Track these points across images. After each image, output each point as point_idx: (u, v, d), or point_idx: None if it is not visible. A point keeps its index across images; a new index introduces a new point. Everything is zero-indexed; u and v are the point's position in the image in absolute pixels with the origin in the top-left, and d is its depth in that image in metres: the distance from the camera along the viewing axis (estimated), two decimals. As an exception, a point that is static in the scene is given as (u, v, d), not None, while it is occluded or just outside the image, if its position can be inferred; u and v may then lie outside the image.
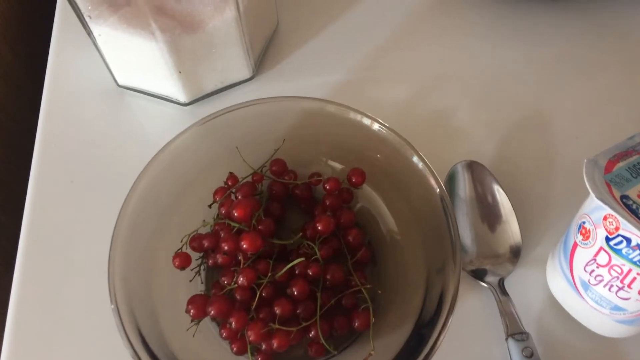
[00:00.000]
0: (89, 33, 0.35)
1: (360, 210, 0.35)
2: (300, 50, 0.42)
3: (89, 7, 0.33)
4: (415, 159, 0.31)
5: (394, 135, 0.31)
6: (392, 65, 0.41)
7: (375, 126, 0.32)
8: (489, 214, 0.34)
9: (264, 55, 0.41)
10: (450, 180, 0.35)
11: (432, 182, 0.30)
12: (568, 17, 0.43)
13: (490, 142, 0.38)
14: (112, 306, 0.28)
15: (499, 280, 0.33)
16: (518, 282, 0.33)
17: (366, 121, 0.32)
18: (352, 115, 0.32)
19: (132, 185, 0.31)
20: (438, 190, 0.29)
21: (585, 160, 0.29)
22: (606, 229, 0.28)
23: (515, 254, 0.33)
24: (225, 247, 0.31)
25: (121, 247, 0.29)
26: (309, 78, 0.41)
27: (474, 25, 0.43)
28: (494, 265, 0.33)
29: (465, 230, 0.33)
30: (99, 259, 0.31)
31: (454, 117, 0.39)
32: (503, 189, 0.34)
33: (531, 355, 0.30)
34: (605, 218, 0.28)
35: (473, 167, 0.35)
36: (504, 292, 0.32)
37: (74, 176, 0.37)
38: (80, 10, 0.33)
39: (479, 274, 0.33)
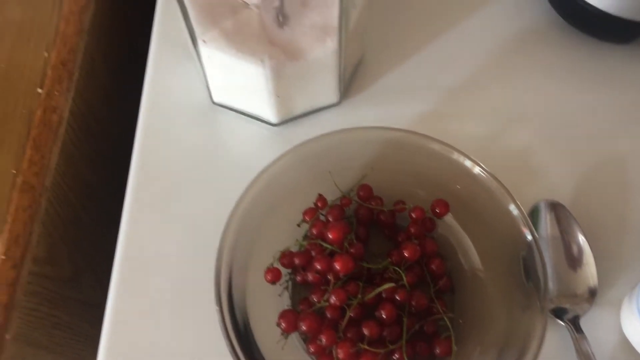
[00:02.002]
0: (197, 54, 0.37)
1: (440, 239, 0.37)
2: (383, 79, 0.44)
3: (203, 32, 0.35)
4: (512, 206, 0.32)
5: (493, 180, 0.33)
6: (472, 101, 0.43)
7: (476, 169, 0.33)
8: (569, 255, 0.35)
9: (350, 82, 0.43)
10: (532, 216, 0.36)
11: (525, 230, 0.31)
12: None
13: (568, 182, 0.39)
14: (217, 308, 0.30)
15: (575, 319, 0.34)
16: (593, 322, 0.34)
17: (468, 163, 0.34)
18: (456, 156, 0.34)
19: (234, 206, 0.33)
20: (530, 238, 0.31)
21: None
22: (692, 281, 0.29)
23: (592, 294, 0.35)
24: (318, 267, 0.33)
25: (225, 261, 0.32)
26: (391, 106, 0.43)
27: (554, 67, 0.44)
28: (572, 304, 0.34)
29: (548, 270, 0.35)
30: (198, 269, 0.34)
31: (533, 155, 0.40)
32: (583, 234, 0.36)
33: (606, 395, 0.31)
34: (691, 270, 0.29)
35: (554, 207, 0.36)
36: (579, 330, 0.33)
37: (170, 188, 0.40)
38: (194, 34, 0.35)
39: (557, 312, 0.34)
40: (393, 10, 0.46)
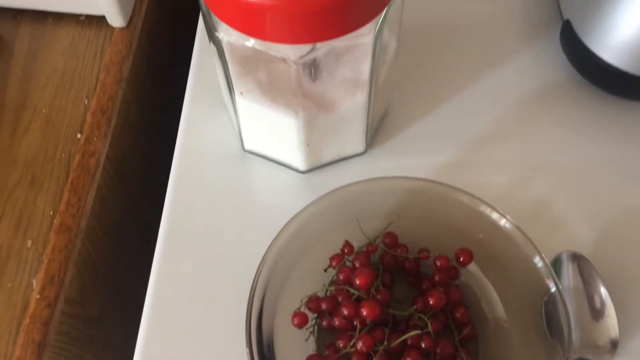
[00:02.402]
0: (233, 104, 0.39)
1: (463, 288, 0.37)
2: (407, 130, 0.46)
3: (239, 84, 0.37)
4: (537, 258, 0.33)
5: (519, 232, 0.34)
6: (494, 152, 0.44)
7: (503, 221, 0.35)
8: (591, 306, 0.36)
9: (376, 132, 0.45)
10: (554, 267, 0.37)
11: (549, 281, 0.32)
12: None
13: (589, 234, 0.40)
14: (247, 350, 0.31)
15: (598, 370, 0.34)
16: (616, 374, 0.35)
17: (495, 216, 0.35)
18: (483, 208, 0.35)
19: (266, 251, 0.35)
20: (554, 289, 0.32)
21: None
22: None
23: (614, 345, 0.35)
24: (345, 312, 0.34)
25: (256, 304, 0.33)
26: (415, 156, 0.44)
27: (573, 121, 0.45)
28: (594, 355, 0.34)
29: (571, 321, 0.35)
30: (229, 312, 0.35)
31: (553, 207, 0.41)
32: (605, 286, 0.36)
33: None
34: None
35: (576, 258, 0.37)
36: (602, 382, 0.34)
37: (202, 232, 0.41)
38: (232, 86, 0.37)
39: (580, 363, 0.34)
40: (417, 66, 0.49)
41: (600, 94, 0.46)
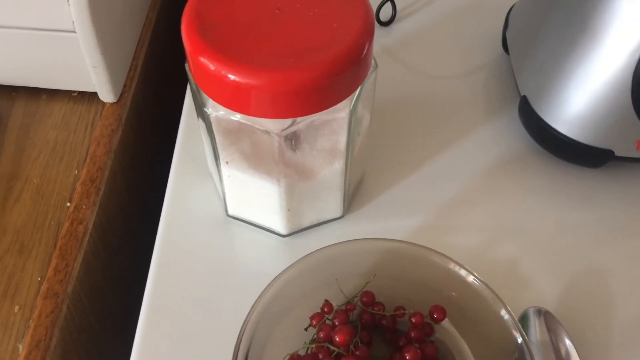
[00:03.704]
0: (218, 173, 0.42)
1: (437, 343, 0.39)
2: (382, 196, 0.49)
3: (224, 154, 0.40)
4: (503, 311, 0.35)
5: (485, 287, 0.37)
6: (464, 217, 0.47)
7: (470, 278, 0.37)
8: (558, 358, 0.38)
9: (353, 197, 0.48)
10: (521, 323, 0.39)
11: (517, 335, 0.34)
12: (623, 184, 0.49)
13: (554, 291, 0.43)
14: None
15: (568, 422, 0.36)
16: None
17: (463, 272, 0.37)
18: (451, 265, 0.38)
19: (248, 313, 0.36)
20: (521, 341, 0.34)
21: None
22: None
23: (582, 398, 0.37)
24: (326, 369, 0.35)
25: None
26: (389, 220, 0.47)
27: (534, 187, 0.49)
28: (564, 407, 0.36)
29: (538, 371, 0.37)
30: None
31: (520, 266, 0.44)
32: (570, 339, 0.39)
33: None
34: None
35: (542, 313, 0.39)
36: None
37: (186, 297, 0.43)
38: (218, 156, 0.40)
39: (550, 415, 0.36)
40: (389, 137, 0.52)
41: (557, 162, 0.50)
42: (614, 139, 0.45)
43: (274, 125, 0.37)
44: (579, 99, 0.45)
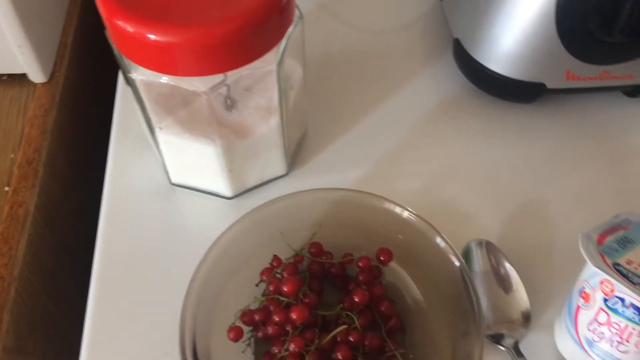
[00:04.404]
0: (155, 140, 0.41)
1: (389, 285, 0.40)
2: (325, 150, 0.49)
3: (159, 121, 0.40)
4: (438, 239, 0.36)
5: (420, 220, 0.37)
6: (407, 163, 0.48)
7: (405, 213, 0.38)
8: (501, 285, 0.39)
9: (296, 154, 0.48)
10: (465, 255, 0.40)
11: (454, 259, 0.35)
12: (557, 116, 0.50)
13: (496, 223, 0.44)
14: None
15: (515, 344, 0.37)
16: (531, 345, 0.38)
17: (397, 209, 0.38)
18: (385, 204, 0.38)
19: (193, 275, 0.36)
20: (459, 264, 0.35)
21: (580, 235, 0.34)
22: (603, 292, 0.33)
23: (527, 318, 0.38)
24: (277, 319, 0.35)
25: (189, 327, 0.34)
26: (334, 173, 0.47)
27: (474, 127, 0.50)
28: (509, 329, 0.38)
29: (482, 299, 0.38)
30: (163, 338, 0.36)
31: (463, 204, 0.45)
32: (510, 263, 0.40)
33: (549, 408, 0.34)
34: (601, 282, 0.33)
35: (483, 244, 0.41)
36: (519, 354, 0.37)
37: (135, 269, 0.42)
38: (151, 123, 0.40)
39: (496, 338, 0.37)
40: (330, 91, 0.52)
41: (495, 101, 0.51)
42: (545, 71, 0.46)
43: (203, 84, 0.36)
44: (507, 36, 0.46)
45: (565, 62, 0.45)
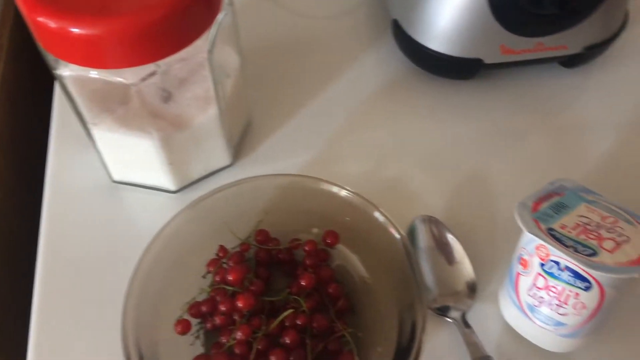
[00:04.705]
0: (91, 137, 0.41)
1: (338, 268, 0.40)
2: (271, 138, 0.49)
3: (93, 117, 0.39)
4: (376, 214, 0.36)
5: (358, 197, 0.37)
6: (353, 145, 0.48)
7: (343, 192, 0.38)
8: (445, 258, 0.40)
9: (240, 144, 0.48)
10: (411, 233, 0.41)
11: (394, 232, 0.35)
12: (498, 91, 0.51)
13: (440, 199, 0.44)
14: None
15: (462, 315, 0.38)
16: (478, 315, 0.38)
17: (335, 189, 0.38)
18: (323, 185, 0.38)
19: (133, 271, 0.36)
20: (399, 237, 0.35)
21: (517, 203, 0.35)
22: (539, 257, 0.34)
23: (472, 289, 0.39)
24: (223, 308, 0.35)
25: (131, 325, 0.34)
26: (281, 160, 0.47)
27: (417, 107, 0.50)
28: (455, 301, 0.38)
29: (428, 273, 0.39)
30: (110, 337, 0.35)
31: (409, 182, 0.46)
32: (455, 236, 0.40)
33: (495, 374, 0.34)
34: (537, 248, 0.34)
35: (428, 220, 0.41)
36: (467, 324, 0.37)
37: (79, 269, 0.41)
38: (85, 119, 0.39)
39: (443, 311, 0.38)
40: (272, 79, 0.52)
41: (436, 80, 0.51)
42: (480, 47, 0.47)
43: (132, 76, 0.36)
44: (442, 14, 0.46)
45: (499, 36, 0.46)
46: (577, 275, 0.32)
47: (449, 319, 0.38)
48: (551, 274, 0.33)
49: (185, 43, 0.35)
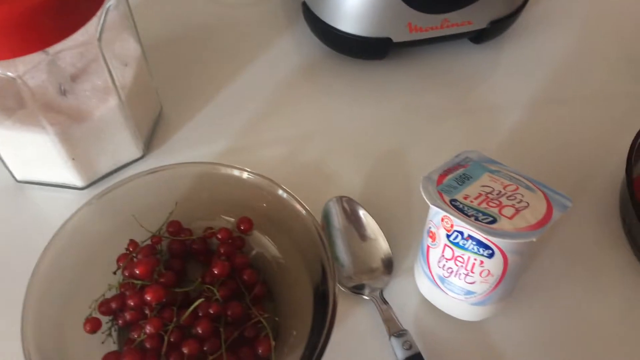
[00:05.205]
0: (-15, 136, 0.38)
1: (257, 255, 0.40)
2: (185, 128, 0.48)
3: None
4: (280, 191, 0.36)
5: (261, 178, 0.37)
6: (270, 130, 0.48)
7: (245, 175, 0.37)
8: (360, 237, 0.40)
9: (152, 135, 0.46)
10: (326, 214, 0.41)
11: (300, 208, 0.35)
12: (411, 70, 0.51)
13: (358, 180, 0.44)
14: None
15: (379, 292, 0.38)
16: (395, 291, 0.39)
17: (236, 172, 0.37)
18: (223, 170, 0.38)
19: (32, 273, 0.34)
20: (305, 212, 0.35)
21: (422, 177, 0.35)
22: (445, 228, 0.34)
23: (388, 266, 0.39)
24: (131, 303, 0.34)
25: (32, 329, 0.32)
26: (195, 150, 0.46)
27: (332, 89, 0.50)
28: (371, 279, 0.38)
29: (343, 253, 0.39)
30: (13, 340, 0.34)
31: (326, 163, 0.45)
32: (370, 214, 0.41)
33: (410, 347, 0.35)
34: (442, 219, 0.34)
35: (342, 200, 0.41)
36: (384, 301, 0.37)
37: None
38: (-28, 116, 0.37)
39: (359, 288, 0.38)
40: (182, 70, 0.51)
41: (349, 61, 0.51)
42: (388, 26, 0.47)
43: (16, 69, 0.34)
44: (349, -5, 0.46)
45: (406, 14, 0.46)
46: (479, 243, 0.33)
47: (365, 297, 0.38)
48: (457, 244, 0.34)
49: (70, 30, 0.33)
